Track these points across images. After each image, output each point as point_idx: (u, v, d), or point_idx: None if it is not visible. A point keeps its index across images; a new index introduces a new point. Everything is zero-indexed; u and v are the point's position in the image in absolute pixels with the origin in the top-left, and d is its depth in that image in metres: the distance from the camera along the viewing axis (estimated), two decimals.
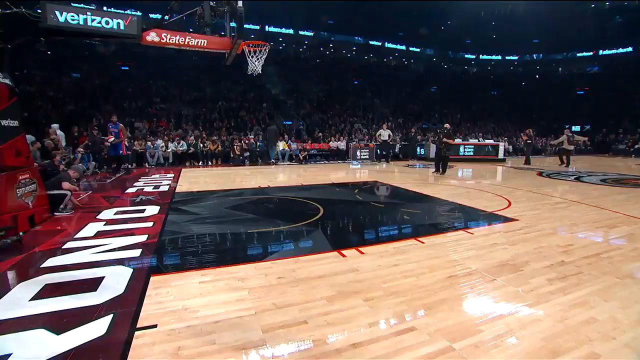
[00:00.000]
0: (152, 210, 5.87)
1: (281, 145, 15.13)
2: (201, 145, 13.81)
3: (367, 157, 15.20)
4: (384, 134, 15.13)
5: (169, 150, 13.15)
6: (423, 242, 4.15)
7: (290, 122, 22.25)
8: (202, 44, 5.22)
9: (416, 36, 35.06)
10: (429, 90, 35.30)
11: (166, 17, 5.13)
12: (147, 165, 12.60)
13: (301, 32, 33.63)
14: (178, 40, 5.10)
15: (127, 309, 2.62)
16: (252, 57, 5.60)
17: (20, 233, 4.17)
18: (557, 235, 4.54)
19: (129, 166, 12.11)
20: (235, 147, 14.09)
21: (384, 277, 3.17)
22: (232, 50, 5.28)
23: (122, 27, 4.75)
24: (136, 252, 3.83)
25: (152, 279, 3.16)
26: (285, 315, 2.53)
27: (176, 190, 7.82)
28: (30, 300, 2.77)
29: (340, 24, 32.98)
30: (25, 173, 4.86)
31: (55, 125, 9.85)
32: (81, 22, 4.58)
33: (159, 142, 13.39)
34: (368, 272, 3.28)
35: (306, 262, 3.56)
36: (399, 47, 37.35)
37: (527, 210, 5.93)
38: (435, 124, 26.04)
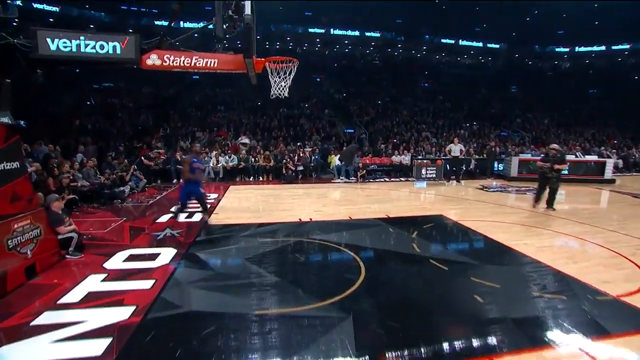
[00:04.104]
0: (165, 256, 5.10)
1: (337, 160, 13.97)
2: (252, 159, 13.27)
3: (434, 175, 13.15)
4: (455, 149, 13.03)
5: (219, 165, 12.81)
6: None
7: (352, 130, 21.06)
8: (212, 65, 4.27)
9: (495, 31, 31.14)
10: (510, 91, 31.28)
11: (170, 40, 4.23)
12: None
13: (367, 34, 32.13)
14: (183, 62, 4.21)
15: None
16: (276, 76, 4.50)
17: None
18: None
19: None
20: (287, 163, 13.29)
21: None
22: (248, 70, 4.24)
23: (118, 50, 4.00)
24: (102, 346, 2.93)
25: None
26: None
27: (208, 222, 7.07)
28: None
29: (409, 23, 30.64)
30: (24, 219, 4.35)
31: None
32: (74, 49, 3.93)
33: (212, 155, 13.15)
34: None
35: None
36: (474, 44, 33.78)
37: None
38: (517, 131, 22.59)
